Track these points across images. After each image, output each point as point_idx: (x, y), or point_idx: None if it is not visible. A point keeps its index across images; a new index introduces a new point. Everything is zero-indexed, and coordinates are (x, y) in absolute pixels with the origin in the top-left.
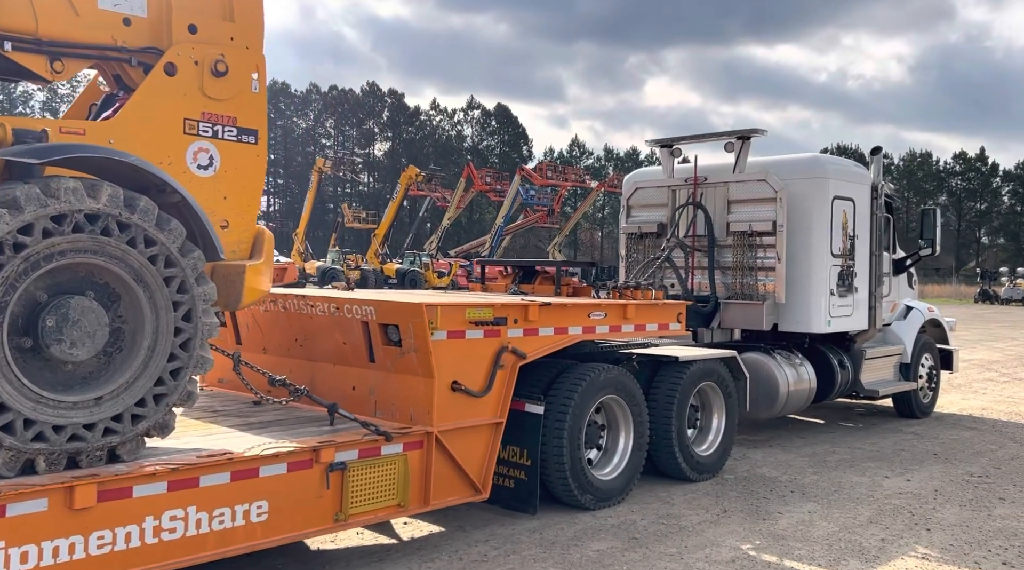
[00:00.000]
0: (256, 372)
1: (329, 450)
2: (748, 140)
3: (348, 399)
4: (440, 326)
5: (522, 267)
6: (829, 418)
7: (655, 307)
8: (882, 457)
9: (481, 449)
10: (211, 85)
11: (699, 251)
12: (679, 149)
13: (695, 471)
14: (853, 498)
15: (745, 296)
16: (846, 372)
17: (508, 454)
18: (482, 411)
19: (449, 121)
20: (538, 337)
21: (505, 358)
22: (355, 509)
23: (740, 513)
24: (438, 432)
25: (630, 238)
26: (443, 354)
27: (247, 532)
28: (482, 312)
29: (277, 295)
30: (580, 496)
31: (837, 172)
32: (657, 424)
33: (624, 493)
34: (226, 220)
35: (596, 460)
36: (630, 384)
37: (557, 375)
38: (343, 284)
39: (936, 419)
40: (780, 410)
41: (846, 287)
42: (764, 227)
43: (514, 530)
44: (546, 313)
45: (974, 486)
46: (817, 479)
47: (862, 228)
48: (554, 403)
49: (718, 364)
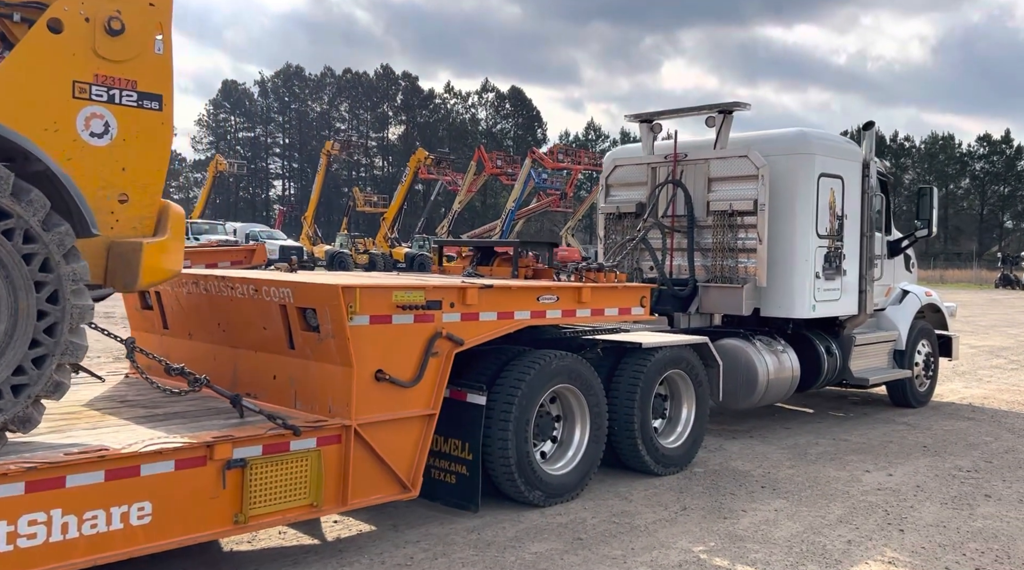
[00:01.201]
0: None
1: (225, 446)
2: (730, 114)
3: (269, 389)
4: (361, 310)
5: (480, 248)
6: (819, 407)
7: (614, 290)
8: (867, 450)
9: (410, 443)
10: (105, 44)
11: (678, 232)
12: (659, 125)
13: (660, 464)
14: (827, 495)
15: (725, 279)
16: (833, 359)
17: (450, 447)
18: (412, 402)
19: (463, 104)
20: (478, 322)
21: (439, 345)
22: (257, 510)
23: (701, 511)
24: (357, 425)
25: (608, 219)
26: (365, 341)
27: (126, 536)
28: (412, 295)
29: (198, 276)
30: (528, 492)
31: (824, 148)
32: (619, 415)
33: (579, 488)
34: (125, 193)
35: (550, 453)
36: (586, 372)
37: (506, 363)
38: (286, 265)
39: (933, 408)
40: (760, 399)
41: (833, 270)
42: (745, 206)
43: (451, 529)
44: (487, 296)
45: (960, 482)
46: (792, 473)
47: (852, 207)
48: (500, 393)
49: (687, 351)
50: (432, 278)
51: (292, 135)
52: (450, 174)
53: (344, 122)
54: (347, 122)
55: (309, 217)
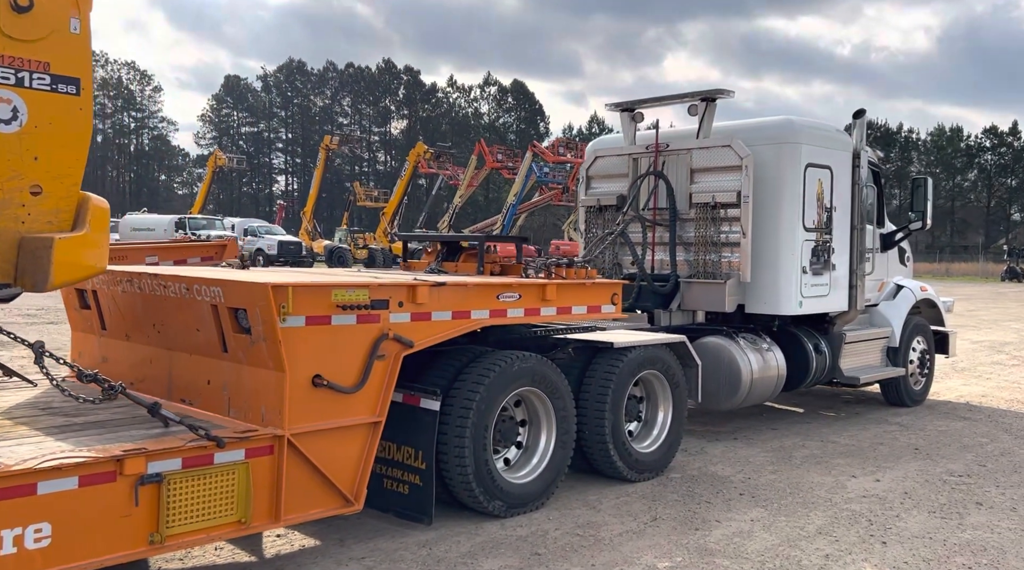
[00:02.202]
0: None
1: (137, 460)
2: (713, 102)
3: (204, 395)
4: (294, 311)
5: (446, 243)
6: (810, 406)
7: (582, 287)
8: (856, 452)
9: (353, 454)
10: (10, 22)
11: (660, 225)
12: (640, 114)
13: (634, 470)
14: (808, 503)
15: (708, 274)
16: (822, 357)
17: (403, 456)
18: (355, 409)
19: (466, 98)
20: (431, 323)
21: (386, 347)
22: (177, 529)
23: (672, 521)
24: (291, 435)
25: (589, 212)
26: (299, 343)
27: (20, 561)
28: (354, 294)
29: (132, 274)
30: (487, 502)
31: (811, 137)
32: (590, 418)
33: (544, 497)
34: (38, 185)
35: (515, 460)
36: (551, 375)
37: (466, 365)
38: (238, 262)
39: (928, 407)
40: (743, 400)
41: (821, 264)
42: (728, 198)
43: (401, 543)
44: (440, 295)
45: (951, 488)
46: (774, 479)
47: (841, 199)
48: (457, 397)
49: (663, 351)
50: (383, 275)
51: (295, 130)
52: (451, 168)
53: (347, 117)
54: (349, 117)
55: (308, 212)
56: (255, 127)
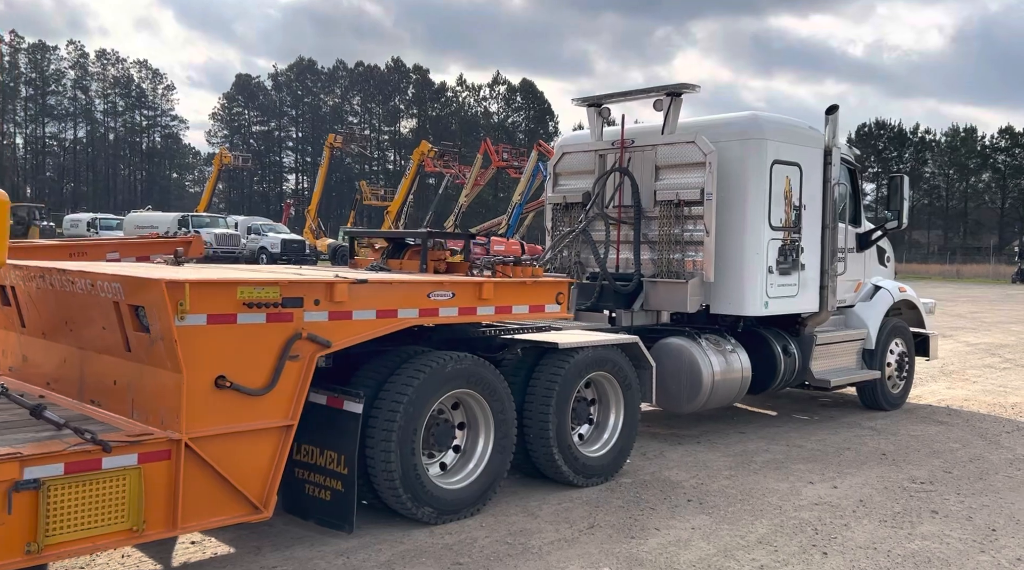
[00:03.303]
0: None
1: (10, 465)
2: (679, 96)
3: (111, 396)
4: (193, 308)
5: (392, 239)
6: (784, 409)
7: (522, 286)
8: (819, 458)
9: (262, 459)
10: None
11: (625, 223)
12: (607, 109)
13: (581, 475)
14: (756, 510)
15: (672, 274)
16: (791, 359)
17: (325, 460)
18: (264, 412)
19: (475, 97)
20: (352, 322)
21: (299, 347)
22: (58, 537)
23: (610, 529)
24: (189, 439)
25: (556, 209)
26: (200, 343)
27: None
28: (263, 292)
29: (44, 269)
30: (416, 509)
31: (778, 133)
32: (534, 421)
33: (480, 503)
34: None
35: (451, 464)
36: (489, 376)
37: (399, 366)
38: (172, 258)
39: (906, 411)
40: (705, 402)
41: (789, 264)
42: (693, 196)
43: (319, 552)
44: (361, 293)
45: (909, 495)
46: (727, 485)
47: (811, 197)
48: (385, 399)
49: (614, 352)
50: (290, 272)
51: (305, 129)
52: (456, 167)
53: (356, 116)
54: (359, 116)
55: (312, 210)
56: (266, 126)
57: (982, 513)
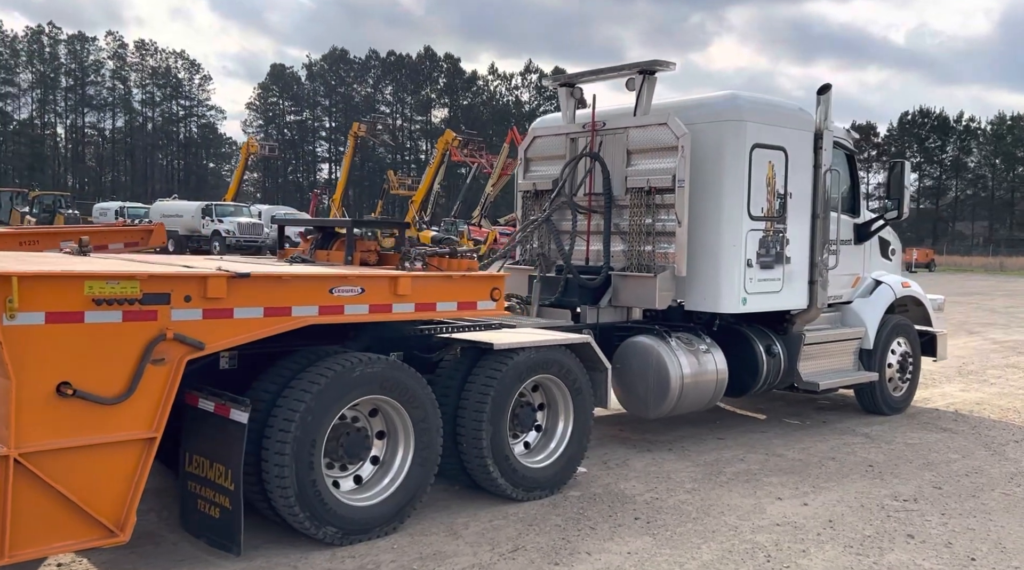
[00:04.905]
0: None
1: None
2: (652, 75)
3: None
4: (26, 306)
5: (321, 228)
6: (776, 413)
7: (447, 281)
8: (798, 469)
9: (117, 476)
10: None
11: (595, 212)
12: (580, 89)
13: (520, 488)
14: (708, 531)
15: (642, 267)
16: (775, 360)
17: (215, 474)
18: (120, 423)
19: (507, 86)
20: (232, 321)
21: (164, 349)
22: None
23: (535, 553)
24: (20, 455)
25: (526, 197)
26: (37, 345)
27: None
28: (118, 287)
29: None
30: (316, 529)
31: (758, 114)
32: (468, 429)
33: (396, 521)
34: None
35: (367, 478)
36: (408, 381)
37: (303, 368)
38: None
39: (909, 416)
40: (674, 406)
41: (772, 257)
42: (664, 183)
43: None
44: (245, 288)
45: (886, 515)
46: (685, 500)
47: (799, 184)
48: (281, 407)
49: (561, 353)
50: (152, 264)
51: (338, 118)
52: (485, 157)
53: (388, 106)
54: (391, 106)
55: (337, 200)
56: (299, 115)
57: (964, 538)
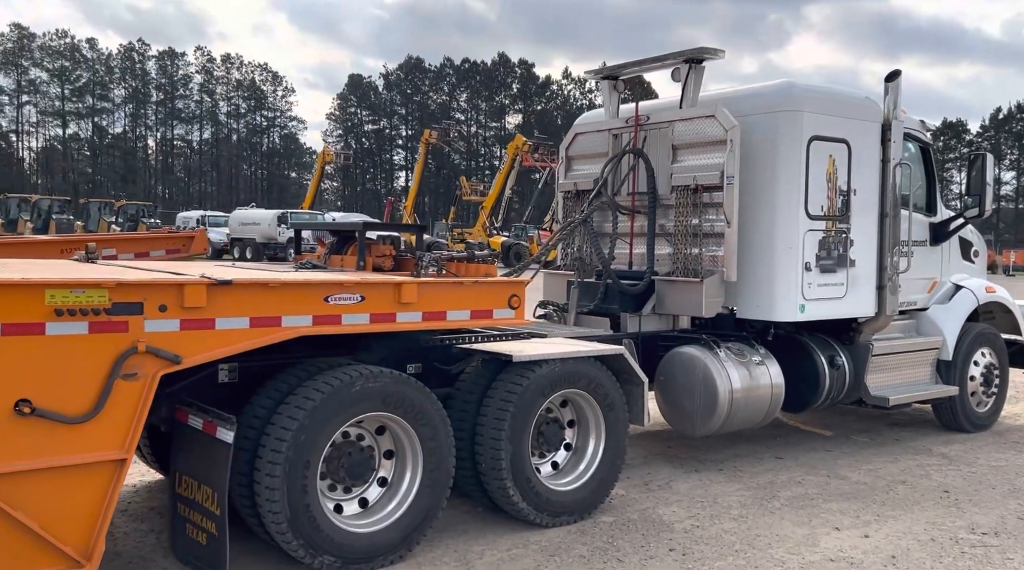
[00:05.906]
0: None
1: None
2: (700, 64)
3: None
4: None
5: (337, 233)
6: (845, 428)
7: (457, 287)
8: (862, 494)
9: (83, 501)
10: None
11: (639, 213)
12: (623, 82)
13: (544, 512)
14: (749, 566)
15: (688, 271)
16: (839, 372)
17: (202, 497)
18: (86, 444)
19: (580, 90)
20: (214, 332)
21: (137, 363)
22: None
23: None
24: None
25: (567, 197)
26: None
27: None
28: (83, 296)
29: None
30: (310, 558)
31: (816, 104)
32: (486, 448)
33: (402, 549)
34: None
35: (374, 501)
36: (415, 397)
37: (302, 383)
38: (83, 254)
39: (995, 434)
40: (723, 423)
41: (834, 260)
42: (712, 180)
43: None
44: (228, 297)
45: (960, 551)
46: (730, 529)
47: (865, 180)
48: (274, 425)
49: (591, 365)
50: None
51: (414, 126)
52: (555, 161)
53: (463, 113)
54: (466, 113)
55: (408, 207)
56: (377, 124)
57: None
